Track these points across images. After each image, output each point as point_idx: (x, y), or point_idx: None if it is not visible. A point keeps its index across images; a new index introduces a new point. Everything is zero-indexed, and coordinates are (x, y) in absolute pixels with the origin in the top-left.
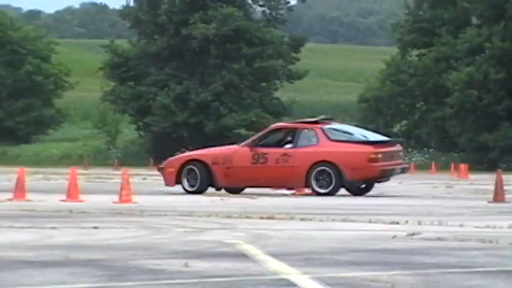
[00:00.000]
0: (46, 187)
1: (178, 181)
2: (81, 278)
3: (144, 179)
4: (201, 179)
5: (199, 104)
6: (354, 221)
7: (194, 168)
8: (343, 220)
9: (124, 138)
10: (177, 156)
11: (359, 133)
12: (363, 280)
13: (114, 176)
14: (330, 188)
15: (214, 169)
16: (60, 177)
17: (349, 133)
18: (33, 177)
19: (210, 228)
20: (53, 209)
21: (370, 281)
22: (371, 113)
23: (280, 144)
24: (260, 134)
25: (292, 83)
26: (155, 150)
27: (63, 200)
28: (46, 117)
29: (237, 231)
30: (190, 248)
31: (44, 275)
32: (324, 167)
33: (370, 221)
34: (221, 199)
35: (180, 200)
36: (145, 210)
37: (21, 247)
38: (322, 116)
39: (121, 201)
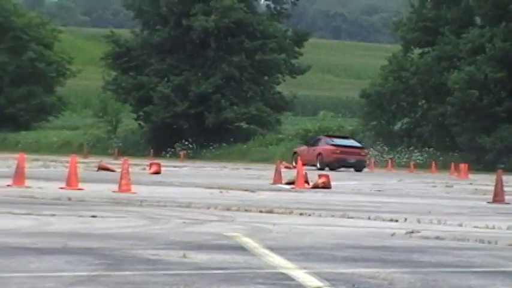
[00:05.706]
0: (45, 174)
1: None
2: (78, 266)
3: (144, 169)
4: None
5: (199, 95)
6: (353, 217)
7: None
8: (342, 216)
9: (124, 127)
10: None
11: None
12: (360, 276)
13: (114, 166)
14: None
15: None
16: (59, 164)
17: None
18: (33, 164)
19: (209, 220)
20: (51, 197)
21: (368, 278)
22: (374, 109)
23: None
24: None
25: (294, 77)
26: (155, 141)
27: (62, 188)
28: (47, 104)
29: (236, 224)
30: (188, 239)
31: (41, 262)
32: None
33: (369, 218)
34: (220, 191)
35: (179, 191)
36: (145, 200)
37: (19, 233)
38: None
39: (120, 190)
